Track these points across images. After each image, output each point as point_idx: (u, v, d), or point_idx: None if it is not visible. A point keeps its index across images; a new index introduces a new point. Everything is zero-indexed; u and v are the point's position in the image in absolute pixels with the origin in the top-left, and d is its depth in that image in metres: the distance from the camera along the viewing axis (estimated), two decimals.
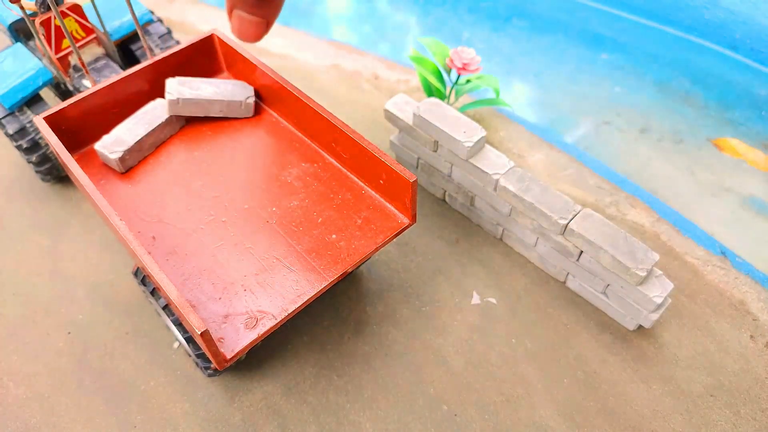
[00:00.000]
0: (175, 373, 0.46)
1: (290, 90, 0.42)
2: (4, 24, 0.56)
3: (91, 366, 0.47)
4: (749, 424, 0.43)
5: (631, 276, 0.43)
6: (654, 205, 0.56)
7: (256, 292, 0.36)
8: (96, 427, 0.44)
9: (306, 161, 0.43)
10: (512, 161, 0.49)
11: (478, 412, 0.44)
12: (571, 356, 0.47)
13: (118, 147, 0.43)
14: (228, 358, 0.33)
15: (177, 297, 0.31)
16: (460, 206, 0.55)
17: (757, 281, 0.50)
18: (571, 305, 0.50)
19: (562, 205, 0.46)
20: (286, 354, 0.47)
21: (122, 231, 0.34)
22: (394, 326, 0.49)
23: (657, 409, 0.44)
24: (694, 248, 0.53)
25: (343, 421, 0.44)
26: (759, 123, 0.66)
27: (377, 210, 0.40)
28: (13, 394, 0.45)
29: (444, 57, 0.58)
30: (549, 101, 0.70)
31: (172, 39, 0.58)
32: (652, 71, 0.73)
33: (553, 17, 0.81)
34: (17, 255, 0.54)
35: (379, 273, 0.52)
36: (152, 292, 0.42)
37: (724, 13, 0.74)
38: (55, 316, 0.50)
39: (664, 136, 0.65)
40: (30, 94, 0.52)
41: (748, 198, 0.58)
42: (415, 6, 0.84)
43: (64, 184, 0.59)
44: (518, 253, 0.53)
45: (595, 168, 0.60)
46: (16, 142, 0.52)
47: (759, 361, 0.46)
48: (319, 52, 0.74)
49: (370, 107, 0.66)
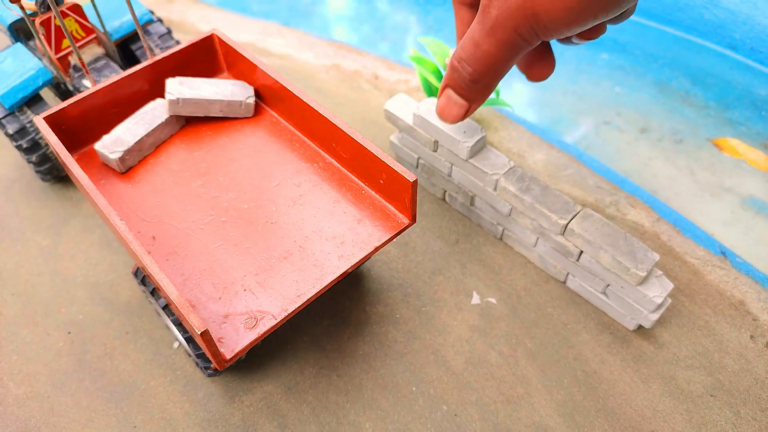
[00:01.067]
0: (175, 373, 0.46)
1: (290, 90, 0.42)
2: (4, 24, 0.56)
3: (91, 366, 0.47)
4: (749, 424, 0.43)
5: (631, 276, 0.43)
6: (654, 205, 0.56)
7: (256, 292, 0.36)
8: (96, 427, 0.44)
9: (306, 161, 0.43)
10: (512, 161, 0.49)
11: (478, 412, 0.44)
12: (571, 356, 0.47)
13: (118, 147, 0.43)
14: (228, 358, 0.33)
15: (177, 297, 0.31)
16: (460, 206, 0.55)
17: (757, 281, 0.50)
18: (571, 305, 0.50)
19: (562, 205, 0.46)
20: (286, 354, 0.47)
21: (122, 231, 0.34)
22: (394, 326, 0.49)
23: (657, 409, 0.44)
24: (694, 248, 0.53)
25: (342, 420, 0.44)
26: (759, 123, 0.66)
27: (377, 210, 0.40)
28: (13, 394, 0.45)
29: (444, 57, 0.58)
30: (549, 101, 0.70)
31: (172, 39, 0.58)
32: (652, 71, 0.73)
33: None
34: (17, 255, 0.54)
35: (379, 273, 0.52)
36: (152, 292, 0.42)
37: (724, 13, 0.74)
38: (55, 316, 0.50)
39: (664, 136, 0.65)
40: (30, 94, 0.52)
41: (748, 198, 0.58)
42: (415, 6, 0.84)
43: (64, 184, 0.59)
44: (518, 253, 0.53)
45: (595, 168, 0.60)
46: (16, 142, 0.52)
47: (759, 361, 0.46)
48: (319, 52, 0.74)
49: (370, 107, 0.66)
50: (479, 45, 0.29)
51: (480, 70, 0.31)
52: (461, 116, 0.35)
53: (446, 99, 0.34)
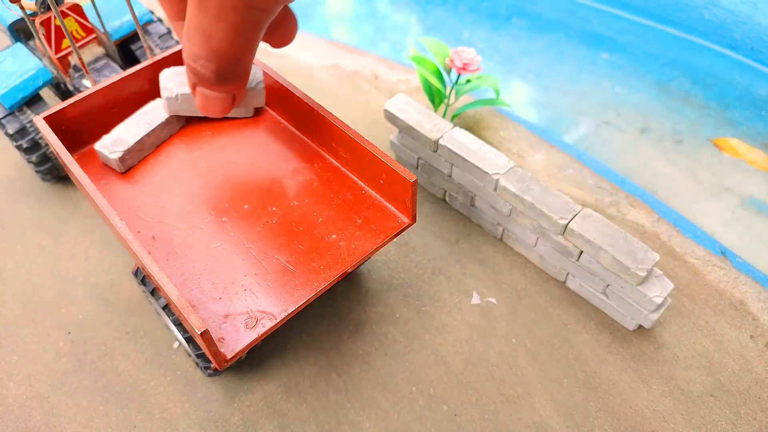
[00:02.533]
0: (175, 373, 0.46)
1: (290, 90, 0.42)
2: (4, 24, 0.56)
3: (91, 366, 0.47)
4: (749, 424, 0.43)
5: (631, 276, 0.43)
6: (654, 205, 0.56)
7: (256, 292, 0.36)
8: (96, 427, 0.44)
9: (306, 161, 0.43)
10: (512, 161, 0.49)
11: (478, 412, 0.44)
12: (571, 356, 0.47)
13: (118, 147, 0.43)
14: (228, 358, 0.33)
15: (177, 297, 0.31)
16: (460, 206, 0.55)
17: (757, 281, 0.50)
18: (571, 305, 0.50)
19: (562, 205, 0.46)
20: (286, 354, 0.47)
21: (122, 231, 0.34)
22: (393, 326, 0.49)
23: (657, 409, 0.44)
24: (694, 248, 0.53)
25: (342, 420, 0.44)
26: (759, 123, 0.66)
27: (377, 210, 0.40)
28: (13, 394, 0.45)
29: (444, 57, 0.58)
30: (549, 101, 0.70)
31: (172, 39, 0.58)
32: (652, 71, 0.72)
33: (553, 17, 0.81)
34: (17, 255, 0.54)
35: (379, 273, 0.52)
36: (152, 292, 0.42)
37: (724, 13, 0.74)
38: (55, 316, 0.50)
39: (664, 136, 0.65)
40: (30, 94, 0.52)
41: (748, 198, 0.58)
42: (415, 6, 0.84)
43: (64, 184, 0.59)
44: (518, 253, 0.53)
45: (595, 168, 0.60)
46: (16, 142, 0.52)
47: (759, 361, 0.46)
48: (319, 52, 0.74)
49: (370, 107, 0.66)
50: (212, 36, 0.23)
51: (223, 64, 0.25)
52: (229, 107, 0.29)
53: (203, 97, 0.28)
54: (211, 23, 0.23)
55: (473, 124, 0.64)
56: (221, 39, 0.23)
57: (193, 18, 0.23)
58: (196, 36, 0.24)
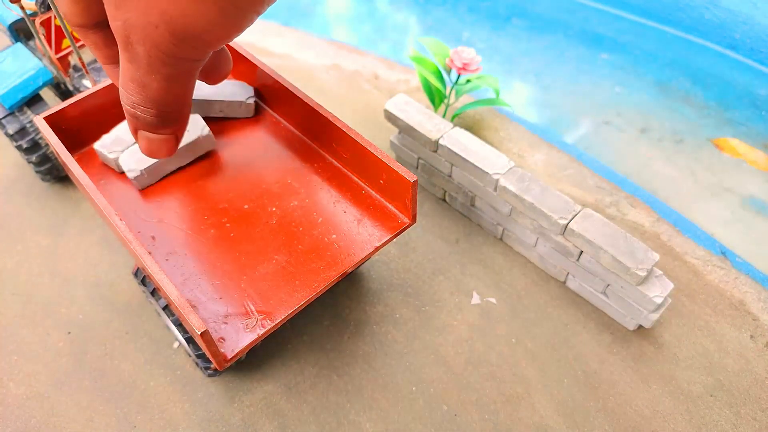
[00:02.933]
0: (175, 373, 0.46)
1: (290, 90, 0.42)
2: (4, 24, 0.56)
3: (91, 366, 0.47)
4: (749, 424, 0.43)
5: (631, 276, 0.43)
6: (654, 205, 0.56)
7: (256, 292, 0.36)
8: (96, 427, 0.44)
9: (306, 161, 0.43)
10: (512, 161, 0.49)
11: (478, 412, 0.44)
12: (571, 356, 0.47)
13: (118, 147, 0.43)
14: (228, 358, 0.33)
15: (177, 297, 0.31)
16: (460, 206, 0.55)
17: (757, 281, 0.50)
18: (571, 305, 0.50)
19: (562, 205, 0.46)
20: (286, 354, 0.47)
21: (122, 231, 0.34)
22: (394, 326, 0.49)
23: (657, 409, 0.44)
24: (694, 248, 0.53)
25: (343, 421, 0.44)
26: (759, 123, 0.66)
27: (377, 210, 0.40)
28: (13, 394, 0.45)
29: (444, 57, 0.58)
30: (549, 101, 0.70)
31: None
32: (652, 71, 0.73)
33: (553, 17, 0.81)
34: (17, 255, 0.54)
35: (379, 273, 0.52)
36: (152, 292, 0.42)
37: (724, 13, 0.74)
38: (55, 316, 0.50)
39: (664, 136, 0.65)
40: (30, 94, 0.52)
41: (748, 198, 0.58)
42: (415, 6, 0.84)
43: (64, 184, 0.59)
44: (518, 253, 0.53)
45: (595, 168, 0.60)
46: (16, 142, 0.52)
47: (759, 361, 0.46)
48: (319, 52, 0.74)
49: (370, 107, 0.66)
50: (147, 86, 0.24)
51: (163, 109, 0.26)
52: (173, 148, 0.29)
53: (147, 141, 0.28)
54: (144, 75, 0.23)
55: (473, 124, 0.64)
56: (157, 89, 0.24)
57: (126, 70, 0.23)
58: (132, 86, 0.24)
